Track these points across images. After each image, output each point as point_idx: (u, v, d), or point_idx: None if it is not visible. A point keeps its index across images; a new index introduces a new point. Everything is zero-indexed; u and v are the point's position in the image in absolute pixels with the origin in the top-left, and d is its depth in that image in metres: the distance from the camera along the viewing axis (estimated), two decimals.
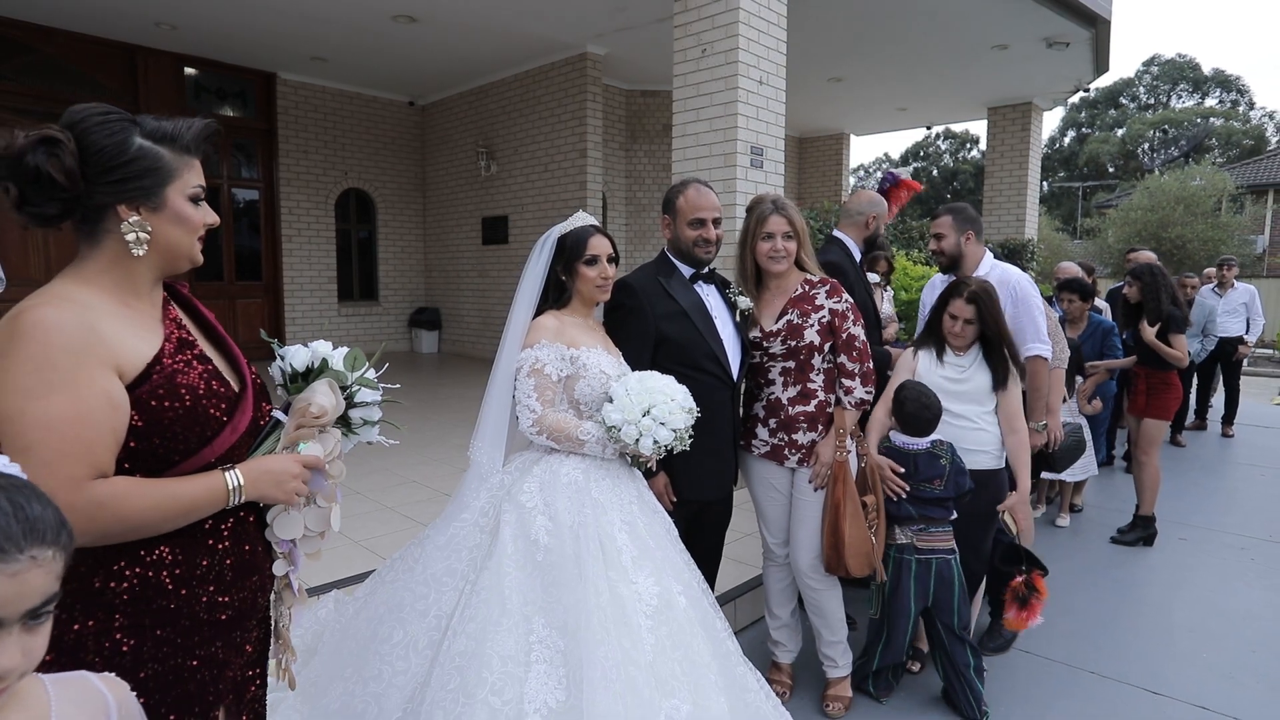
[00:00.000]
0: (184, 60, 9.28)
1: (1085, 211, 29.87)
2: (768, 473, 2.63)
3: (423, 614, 1.94)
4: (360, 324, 11.27)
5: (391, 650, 1.91)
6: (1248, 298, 7.24)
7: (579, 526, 1.93)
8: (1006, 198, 11.09)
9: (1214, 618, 3.41)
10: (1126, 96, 39.72)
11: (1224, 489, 5.62)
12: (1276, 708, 2.69)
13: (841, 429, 2.49)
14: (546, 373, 2.05)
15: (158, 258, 1.16)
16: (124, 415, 1.07)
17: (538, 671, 1.75)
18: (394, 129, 11.42)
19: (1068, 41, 8.52)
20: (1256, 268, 21.28)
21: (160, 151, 1.13)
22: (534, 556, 1.90)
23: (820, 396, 2.51)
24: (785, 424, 2.52)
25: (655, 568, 1.95)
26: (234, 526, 1.21)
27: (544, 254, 2.20)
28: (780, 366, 2.53)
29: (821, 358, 2.51)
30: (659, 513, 2.14)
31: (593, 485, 2.01)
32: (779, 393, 2.54)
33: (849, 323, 2.50)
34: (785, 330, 2.49)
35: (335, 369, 1.30)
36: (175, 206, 1.15)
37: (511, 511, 1.97)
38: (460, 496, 2.13)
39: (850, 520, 2.45)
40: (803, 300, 2.52)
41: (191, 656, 1.15)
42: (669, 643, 1.85)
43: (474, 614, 1.83)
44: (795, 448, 2.52)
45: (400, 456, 5.05)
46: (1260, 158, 25.92)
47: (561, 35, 8.51)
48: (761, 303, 2.59)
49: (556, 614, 1.83)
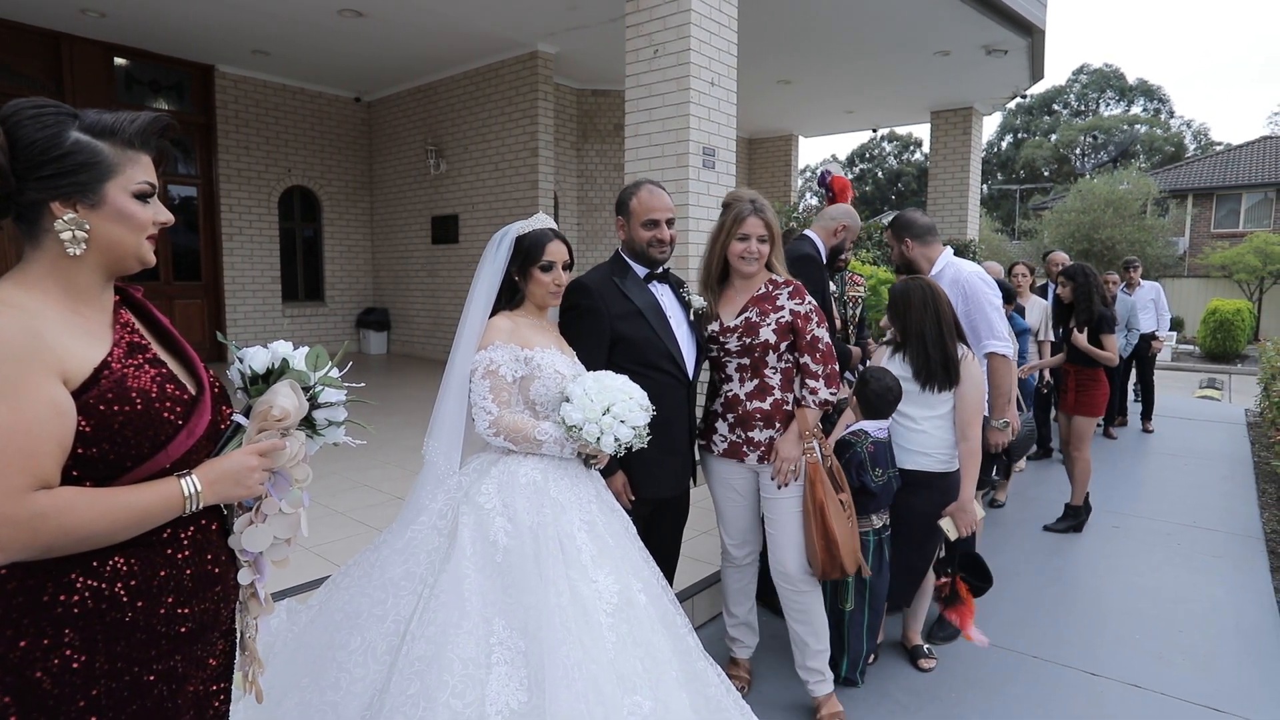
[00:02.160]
0: (114, 50, 8.87)
1: (1023, 213, 31.00)
2: (727, 472, 2.62)
3: (380, 619, 1.91)
4: (306, 325, 10.97)
5: (349, 657, 1.87)
6: (1155, 294, 7.73)
7: (538, 527, 1.92)
8: (949, 199, 11.44)
9: (1145, 601, 3.59)
10: (1059, 103, 41.38)
11: (1151, 479, 5.91)
12: (1202, 683, 2.85)
13: (806, 429, 2.46)
14: (501, 374, 2.04)
15: (100, 257, 1.11)
16: (70, 423, 1.03)
17: (499, 673, 1.74)
18: (339, 125, 11.15)
19: (1006, 49, 8.84)
20: (1178, 268, 22.43)
21: (99, 146, 1.08)
22: (493, 558, 1.89)
23: (776, 394, 2.50)
24: (742, 420, 2.51)
25: (615, 566, 1.96)
26: (195, 535, 1.17)
27: (501, 253, 2.16)
28: (736, 363, 2.53)
29: (777, 355, 2.50)
30: (617, 511, 2.15)
31: (551, 485, 2.01)
32: (736, 389, 2.53)
33: (813, 324, 2.48)
34: (742, 327, 2.49)
35: (297, 369, 1.27)
36: (116, 203, 1.10)
37: (470, 513, 1.95)
38: (416, 499, 2.10)
39: (836, 519, 2.43)
40: (764, 300, 2.51)
41: (148, 671, 1.11)
42: (630, 640, 1.87)
43: (433, 617, 1.81)
44: (753, 445, 2.50)
45: (352, 460, 4.94)
46: (1180, 164, 27.36)
47: (512, 33, 8.44)
48: (724, 299, 2.59)
49: (517, 615, 1.82)
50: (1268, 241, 18.66)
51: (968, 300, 3.06)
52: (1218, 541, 4.38)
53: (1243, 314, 16.01)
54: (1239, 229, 22.59)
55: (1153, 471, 6.13)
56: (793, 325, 2.48)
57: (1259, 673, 2.95)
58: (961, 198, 11.34)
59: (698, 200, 5.18)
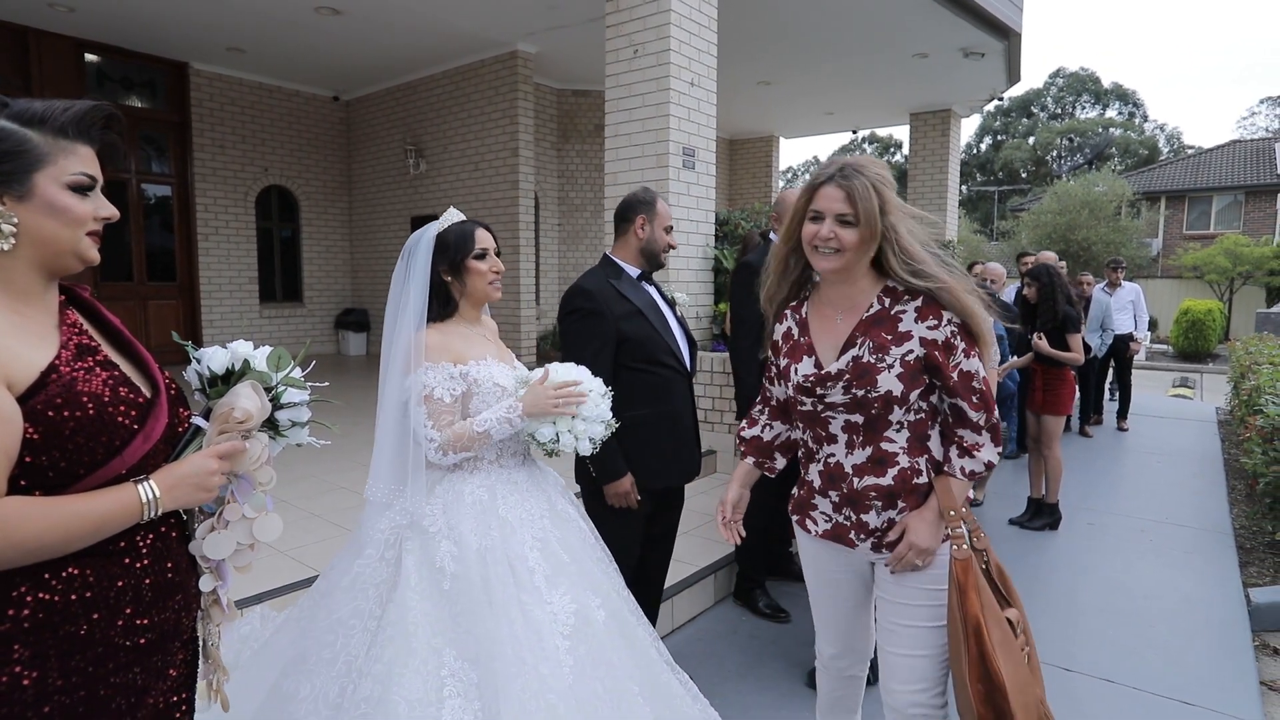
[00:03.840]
0: (84, 45, 8.71)
1: (1001, 214, 31.39)
2: (828, 558, 1.88)
3: (330, 662, 1.78)
4: (284, 326, 10.84)
5: (299, 707, 1.75)
6: (1134, 296, 7.85)
7: (485, 550, 1.82)
8: (929, 200, 11.55)
9: (1119, 596, 3.64)
10: (1037, 106, 41.96)
11: (1126, 476, 6.00)
12: (1173, 677, 2.89)
13: (953, 506, 1.69)
14: (438, 396, 1.89)
15: (34, 253, 1.05)
16: (15, 430, 0.97)
17: (451, 707, 1.66)
18: (317, 125, 11.03)
19: (983, 52, 8.94)
20: (1152, 269, 22.82)
21: (26, 134, 1.03)
22: (440, 585, 1.78)
23: (903, 463, 1.71)
24: (851, 499, 1.75)
25: (571, 584, 1.87)
26: (154, 542, 1.13)
27: (420, 258, 1.97)
28: (843, 420, 1.74)
29: (905, 409, 1.70)
30: (572, 521, 2.04)
31: (499, 503, 1.90)
32: (841, 455, 1.76)
33: (958, 354, 1.67)
34: (850, 372, 1.69)
35: (258, 370, 1.23)
36: (47, 195, 1.04)
37: (414, 539, 1.85)
38: (361, 531, 1.97)
39: (1003, 650, 1.60)
40: (880, 324, 1.70)
41: (105, 685, 1.06)
42: (589, 661, 1.79)
43: (379, 654, 1.71)
44: (866, 531, 1.75)
45: (328, 462, 4.88)
46: (1153, 167, 27.84)
47: (492, 33, 8.39)
48: (817, 325, 1.80)
49: (468, 645, 1.73)
50: (1237, 243, 19.04)
51: None
52: (1189, 537, 4.45)
53: (1214, 314, 16.30)
54: (1210, 231, 23.03)
55: (1127, 469, 6.22)
56: (928, 361, 1.66)
57: (1228, 665, 3.00)
58: (940, 199, 11.45)
59: (678, 200, 5.18)
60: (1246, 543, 4.40)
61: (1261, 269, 18.44)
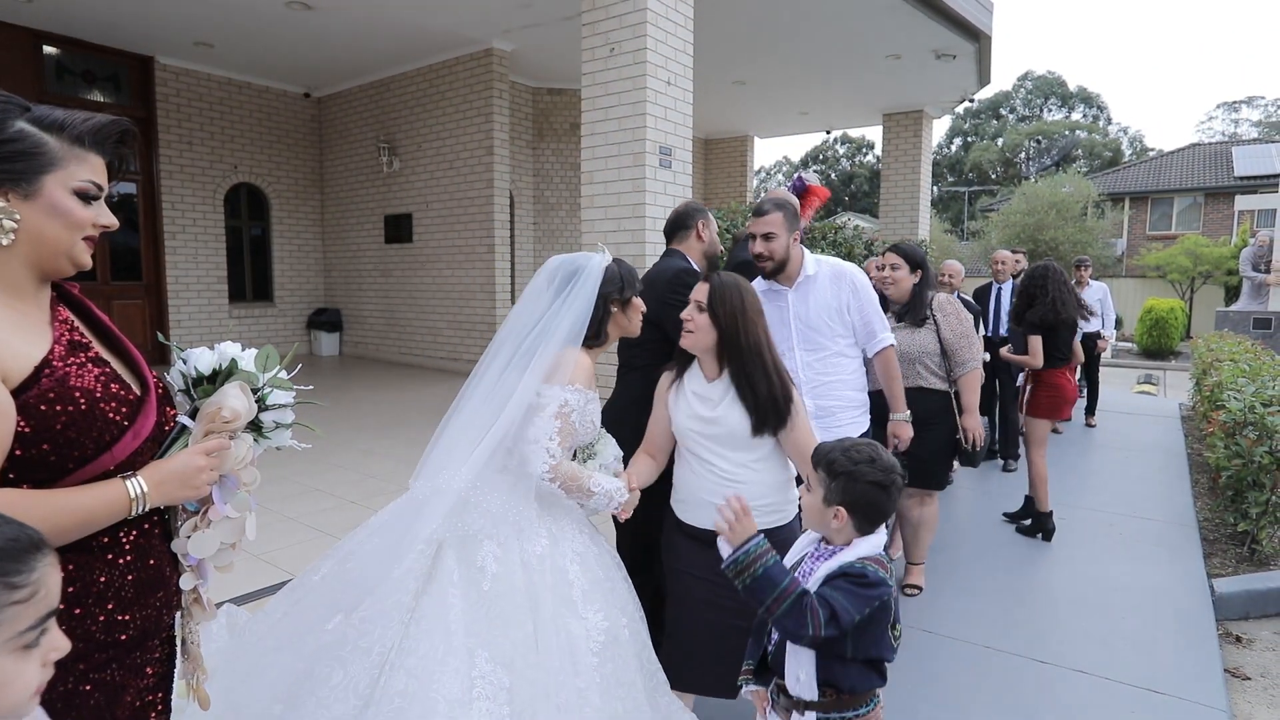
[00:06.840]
0: (41, 37, 8.47)
1: (971, 215, 31.88)
2: None
3: (366, 651, 1.74)
4: (254, 326, 10.65)
5: (330, 693, 1.72)
6: (1101, 295, 8.00)
7: (532, 556, 1.82)
8: (901, 200, 11.69)
9: (1090, 589, 3.72)
10: (1005, 108, 42.71)
11: (1094, 471, 6.12)
12: (1141, 666, 2.96)
13: None
14: (572, 420, 1.88)
15: (30, 251, 1.07)
16: (9, 423, 0.98)
17: (480, 709, 1.64)
18: (288, 122, 10.86)
19: (954, 54, 9.07)
20: (1117, 269, 23.34)
21: (44, 138, 1.06)
22: (479, 585, 1.77)
23: None
24: None
25: (605, 602, 1.87)
26: (136, 538, 1.13)
27: (590, 282, 1.93)
28: None
29: None
30: (601, 542, 2.06)
31: (547, 514, 1.91)
32: None
33: None
34: None
35: (246, 370, 1.23)
36: (52, 197, 1.06)
37: (455, 533, 1.84)
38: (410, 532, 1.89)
39: None
40: None
41: (85, 681, 1.06)
42: (613, 680, 1.79)
43: (414, 646, 1.68)
44: None
45: (303, 464, 4.81)
46: (1118, 168, 28.48)
47: (466, 30, 8.33)
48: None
49: (502, 648, 1.71)
50: (1198, 244, 19.53)
51: (858, 292, 2.85)
52: (1156, 530, 4.55)
53: (1176, 312, 16.70)
54: (1172, 231, 23.60)
55: (1095, 464, 6.35)
56: None
57: (1194, 655, 3.07)
58: (913, 199, 11.60)
59: (654, 200, 5.19)
60: (1210, 534, 4.51)
61: (1220, 268, 18.93)
